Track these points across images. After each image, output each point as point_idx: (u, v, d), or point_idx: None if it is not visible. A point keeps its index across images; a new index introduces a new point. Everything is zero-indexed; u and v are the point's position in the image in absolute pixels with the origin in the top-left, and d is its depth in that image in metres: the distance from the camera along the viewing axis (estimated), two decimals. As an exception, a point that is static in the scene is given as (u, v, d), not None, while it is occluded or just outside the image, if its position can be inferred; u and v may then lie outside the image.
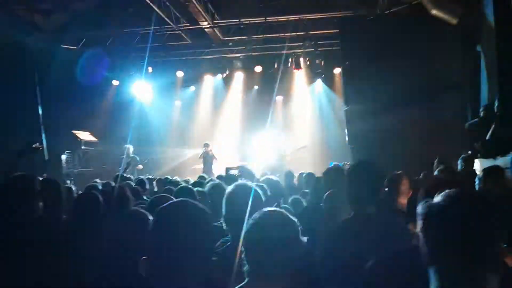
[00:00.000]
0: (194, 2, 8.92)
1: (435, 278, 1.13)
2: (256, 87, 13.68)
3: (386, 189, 2.70)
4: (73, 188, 4.97)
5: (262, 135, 13.18)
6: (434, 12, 8.32)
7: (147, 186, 5.45)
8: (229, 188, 2.17)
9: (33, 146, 5.94)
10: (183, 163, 13.45)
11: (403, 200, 2.75)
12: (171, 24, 10.07)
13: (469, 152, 6.40)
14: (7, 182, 2.55)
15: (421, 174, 4.95)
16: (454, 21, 8.34)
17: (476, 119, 7.16)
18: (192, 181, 5.98)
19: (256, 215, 1.51)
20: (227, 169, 3.68)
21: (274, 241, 1.41)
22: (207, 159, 11.60)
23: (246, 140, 13.41)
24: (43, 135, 9.07)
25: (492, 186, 2.81)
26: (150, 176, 8.42)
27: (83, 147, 11.12)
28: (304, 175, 5.68)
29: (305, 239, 1.56)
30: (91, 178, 9.17)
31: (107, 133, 12.53)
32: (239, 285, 1.48)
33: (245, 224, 1.53)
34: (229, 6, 10.01)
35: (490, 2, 7.14)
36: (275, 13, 10.13)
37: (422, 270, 1.14)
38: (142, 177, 8.56)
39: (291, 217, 1.53)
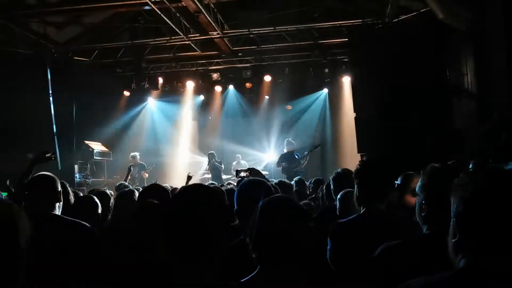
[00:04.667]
0: (204, 12, 9.03)
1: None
2: (266, 96, 13.74)
3: (397, 186, 2.71)
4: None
5: (271, 143, 13.27)
6: (443, 18, 8.31)
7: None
8: (241, 183, 2.20)
9: (46, 155, 6.01)
10: (192, 172, 13.49)
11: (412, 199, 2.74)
12: (181, 34, 10.19)
13: (480, 157, 6.33)
14: (33, 179, 2.63)
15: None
16: (463, 27, 8.31)
17: (488, 124, 7.10)
18: None
19: (266, 200, 1.53)
20: (237, 172, 3.65)
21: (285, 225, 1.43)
22: (215, 168, 11.74)
23: (256, 148, 13.46)
24: (57, 145, 9.23)
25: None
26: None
27: (95, 157, 11.25)
28: (312, 180, 5.76)
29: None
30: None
31: (119, 144, 12.66)
32: (252, 274, 1.50)
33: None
34: (238, 16, 10.11)
35: (499, 7, 7.14)
36: (284, 22, 10.20)
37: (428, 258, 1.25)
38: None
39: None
